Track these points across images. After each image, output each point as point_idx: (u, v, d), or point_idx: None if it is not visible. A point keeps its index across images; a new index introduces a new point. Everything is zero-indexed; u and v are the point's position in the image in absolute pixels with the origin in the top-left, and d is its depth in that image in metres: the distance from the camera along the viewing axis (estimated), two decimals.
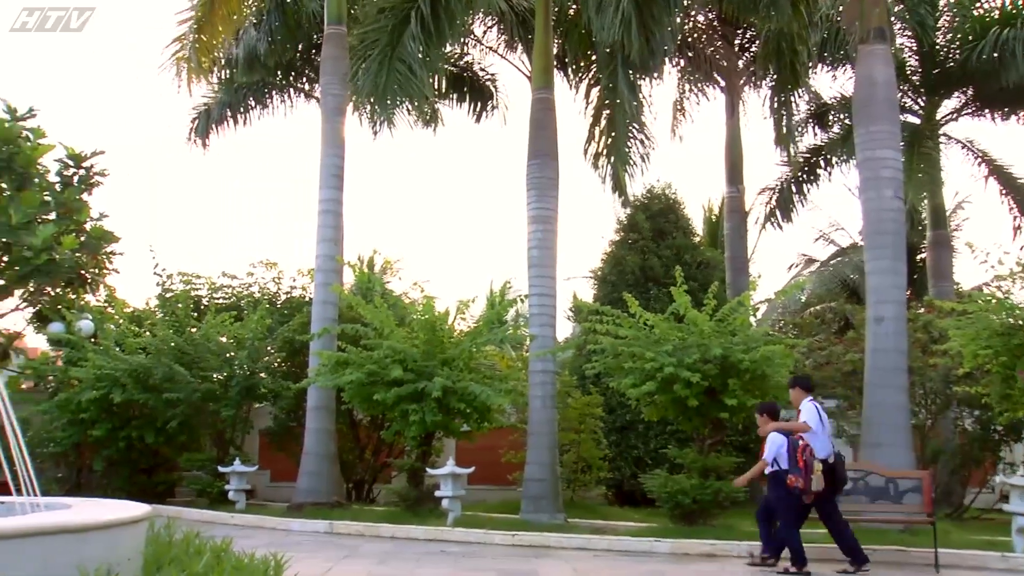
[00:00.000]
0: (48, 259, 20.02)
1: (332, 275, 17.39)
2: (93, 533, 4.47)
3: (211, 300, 21.61)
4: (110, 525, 4.69)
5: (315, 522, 14.33)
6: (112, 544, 4.64)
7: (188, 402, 17.43)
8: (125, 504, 5.99)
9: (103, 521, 4.66)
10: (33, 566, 3.96)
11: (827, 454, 9.96)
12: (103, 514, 4.89)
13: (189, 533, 6.94)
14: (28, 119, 22.08)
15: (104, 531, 4.59)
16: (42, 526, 4.16)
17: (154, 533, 6.82)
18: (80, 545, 4.29)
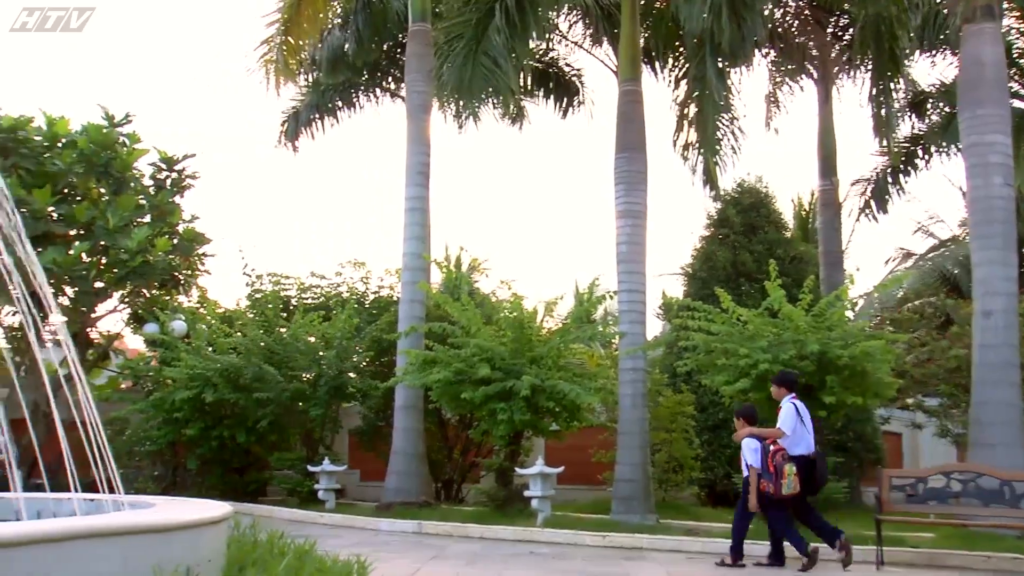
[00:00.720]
0: (143, 261, 20.53)
1: (419, 273, 17.32)
2: (173, 533, 4.34)
3: (300, 300, 21.79)
4: (190, 525, 4.57)
5: (403, 522, 14.24)
6: (192, 544, 4.51)
7: (278, 402, 17.54)
8: (208, 504, 5.89)
9: (183, 521, 4.53)
10: (112, 566, 3.84)
11: (807, 451, 10.12)
12: (183, 514, 4.77)
13: (273, 533, 6.83)
14: (124, 125, 22.75)
15: (184, 531, 4.46)
16: (122, 526, 4.04)
17: (239, 533, 6.73)
18: (159, 545, 4.17)
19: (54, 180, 21.31)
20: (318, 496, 17.07)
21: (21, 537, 3.52)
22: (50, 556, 3.55)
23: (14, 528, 3.58)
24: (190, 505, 5.80)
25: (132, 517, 4.46)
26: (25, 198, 20.20)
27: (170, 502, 6.13)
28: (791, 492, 9.76)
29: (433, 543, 12.46)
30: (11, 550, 3.41)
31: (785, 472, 9.73)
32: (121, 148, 22.04)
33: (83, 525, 3.88)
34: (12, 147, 21.39)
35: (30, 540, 3.52)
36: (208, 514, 4.94)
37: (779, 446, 9.93)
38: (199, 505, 5.74)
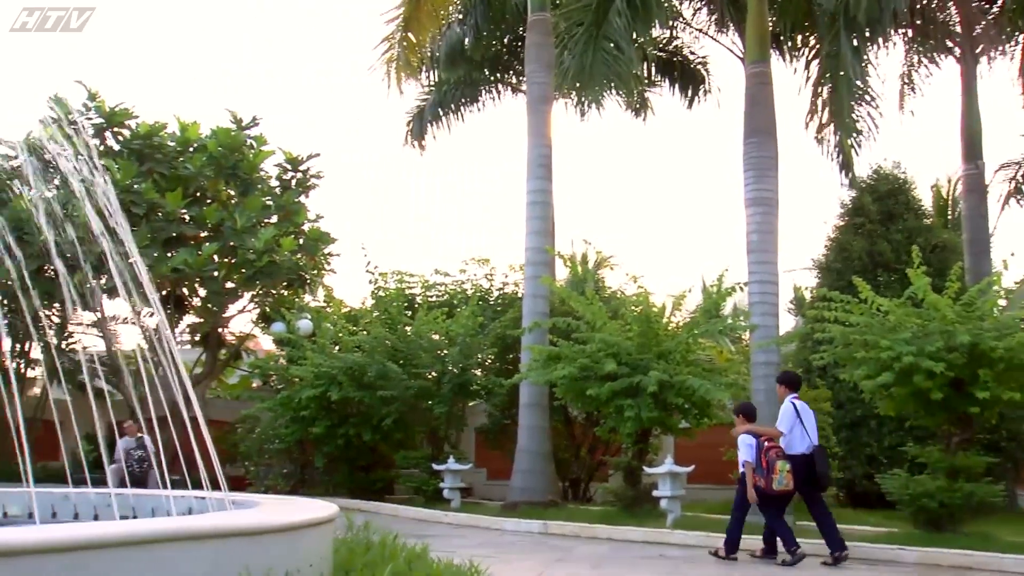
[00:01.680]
0: (269, 261, 20.80)
1: (542, 268, 17.00)
2: (269, 536, 4.09)
3: (424, 298, 21.77)
4: (288, 528, 4.31)
5: (529, 522, 13.92)
6: (291, 547, 4.25)
7: (402, 399, 17.48)
8: (313, 504, 5.65)
9: (279, 523, 4.27)
10: (199, 570, 3.61)
11: (806, 449, 10.31)
12: (282, 515, 4.52)
13: (385, 535, 6.55)
14: (252, 128, 23.14)
15: (281, 534, 4.20)
16: (212, 528, 3.80)
17: (352, 535, 6.50)
18: (253, 548, 3.92)
19: (185, 183, 21.83)
20: (443, 495, 16.92)
21: (100, 539, 3.31)
22: (132, 559, 3.34)
23: (94, 530, 3.38)
24: (295, 505, 5.58)
25: (224, 519, 4.23)
26: (159, 201, 20.74)
27: (277, 502, 5.92)
28: (782, 488, 10.06)
29: (559, 544, 12.10)
30: (87, 553, 3.20)
31: (777, 468, 10.04)
32: (248, 150, 22.44)
33: (169, 527, 3.65)
34: (148, 153, 22.01)
35: (109, 543, 3.31)
36: (309, 515, 4.68)
37: (774, 443, 10.23)
38: (304, 505, 5.51)
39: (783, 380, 11.09)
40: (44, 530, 3.31)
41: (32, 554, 3.13)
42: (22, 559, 3.09)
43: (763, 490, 10.12)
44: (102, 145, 22.61)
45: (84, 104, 22.33)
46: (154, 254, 20.22)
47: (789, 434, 10.36)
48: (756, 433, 10.43)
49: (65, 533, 3.29)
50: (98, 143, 22.59)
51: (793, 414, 10.46)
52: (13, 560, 3.07)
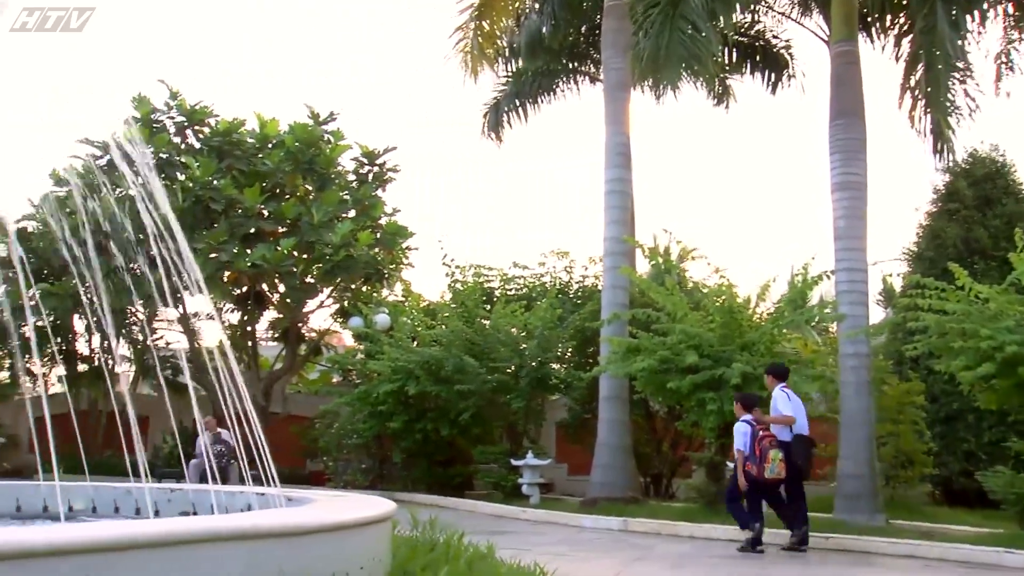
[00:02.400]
0: (346, 255, 20.77)
1: (621, 258, 16.58)
2: (311, 536, 3.80)
3: (503, 291, 21.52)
4: (334, 527, 4.01)
5: (608, 519, 13.52)
6: (337, 548, 3.96)
7: (479, 393, 17.23)
8: (370, 501, 5.35)
9: (323, 523, 3.97)
10: (232, 572, 3.34)
11: (787, 437, 10.60)
12: (329, 514, 4.23)
13: (450, 534, 6.24)
14: (329, 123, 23.15)
15: (326, 534, 3.91)
16: (246, 528, 3.51)
17: (417, 533, 6.21)
18: (292, 549, 3.63)
19: (263, 179, 21.96)
20: (522, 491, 16.62)
21: (120, 541, 3.06)
22: (157, 561, 3.08)
23: (115, 530, 3.13)
24: (350, 503, 5.29)
25: (261, 518, 3.95)
26: (237, 197, 20.86)
27: (332, 499, 5.64)
28: (774, 476, 10.37)
29: (638, 542, 11.70)
30: (105, 555, 2.95)
31: (769, 457, 10.34)
32: (325, 145, 22.47)
33: (198, 527, 3.38)
34: (227, 149, 22.19)
35: (131, 544, 3.05)
36: (360, 514, 4.38)
37: (768, 432, 10.52)
38: (360, 503, 5.22)
39: (772, 371, 11.44)
40: (58, 530, 3.06)
41: (43, 556, 2.88)
42: (32, 562, 2.85)
43: (755, 477, 10.42)
44: (183, 143, 22.88)
45: (166, 103, 22.59)
46: (233, 250, 20.35)
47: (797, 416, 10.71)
48: (758, 421, 10.73)
49: (81, 533, 3.04)
50: (179, 141, 22.88)
51: (787, 403, 10.80)
52: (22, 563, 2.82)
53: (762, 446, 10.43)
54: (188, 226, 20.71)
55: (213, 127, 22.53)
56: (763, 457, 10.37)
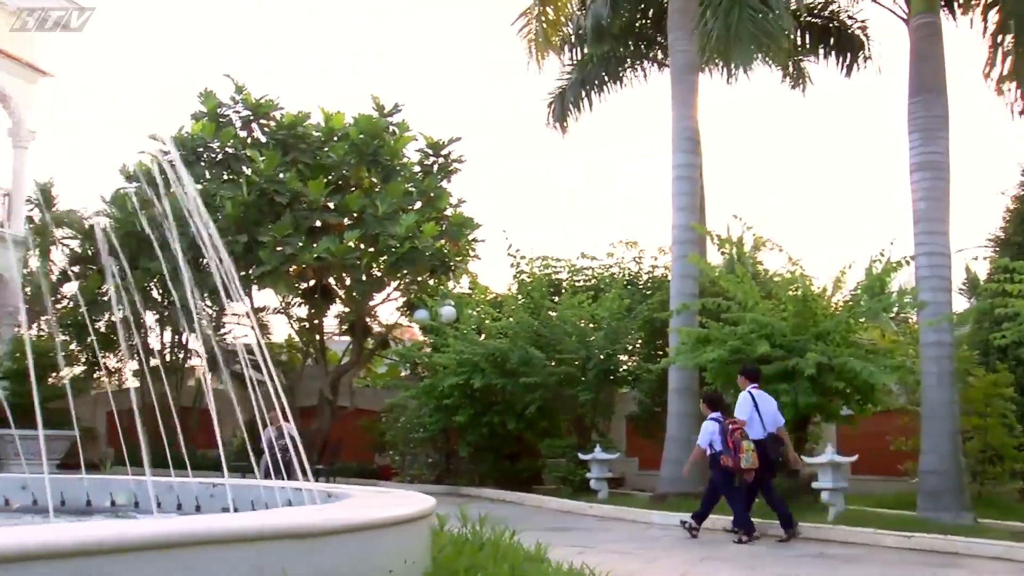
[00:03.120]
0: (411, 247, 20.55)
1: (689, 246, 16.06)
2: (330, 537, 3.45)
3: (571, 282, 21.12)
4: (359, 527, 3.65)
5: (677, 514, 13.04)
6: (363, 548, 3.61)
7: (545, 386, 16.89)
8: (410, 497, 5.01)
9: (345, 522, 3.60)
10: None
11: (760, 436, 11.14)
12: (355, 513, 3.89)
13: (498, 533, 5.86)
14: (394, 114, 22.97)
15: (349, 534, 3.55)
16: (251, 528, 3.18)
17: (466, 531, 5.87)
18: (307, 550, 3.28)
19: (328, 172, 21.86)
20: (590, 485, 16.22)
21: (117, 542, 2.77)
22: (155, 563, 2.79)
23: (111, 530, 2.83)
24: (387, 499, 4.96)
25: (272, 517, 3.62)
26: (302, 190, 20.79)
27: (371, 494, 5.32)
28: (750, 466, 10.91)
29: (709, 539, 11.23)
30: (101, 557, 2.67)
31: (743, 448, 10.91)
32: (389, 136, 22.28)
33: (200, 527, 3.05)
34: (292, 143, 22.14)
35: (128, 546, 2.76)
36: (388, 512, 4.03)
37: (737, 426, 11.09)
38: (397, 499, 4.88)
39: (744, 372, 11.91)
40: (51, 531, 2.79)
41: (34, 559, 2.61)
42: (22, 565, 2.58)
43: (732, 469, 11.02)
44: (249, 137, 22.91)
45: (231, 97, 22.62)
46: (298, 243, 20.27)
47: (749, 421, 11.18)
48: (722, 419, 11.34)
49: (75, 534, 2.76)
50: (245, 135, 22.91)
51: (750, 403, 11.33)
52: (12, 567, 2.56)
53: (734, 438, 11.00)
54: (253, 220, 20.74)
55: (278, 120, 22.50)
56: (736, 448, 10.94)
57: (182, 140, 22.17)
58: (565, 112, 23.19)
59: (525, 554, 5.39)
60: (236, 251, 20.41)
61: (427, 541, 4.60)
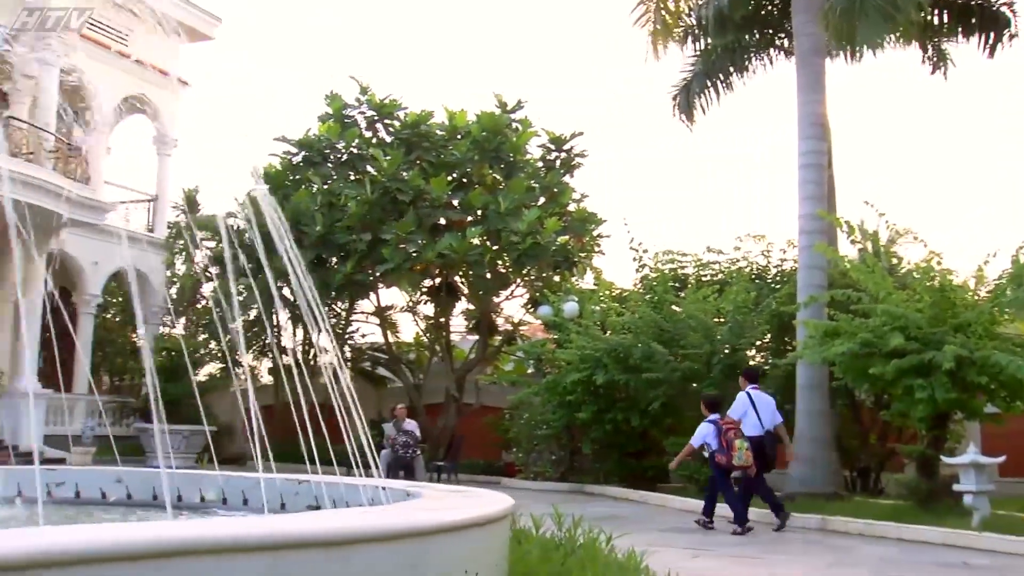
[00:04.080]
0: (533, 243, 20.40)
1: (817, 236, 15.37)
2: (365, 546, 3.08)
3: (698, 277, 20.59)
4: (399, 534, 3.26)
5: (806, 516, 12.48)
6: (408, 559, 3.27)
7: (669, 382, 16.44)
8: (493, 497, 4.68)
9: (382, 529, 3.24)
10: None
11: (757, 432, 11.90)
12: (398, 516, 3.54)
13: (589, 539, 5.47)
14: (516, 111, 22.88)
15: (387, 543, 3.19)
16: (252, 537, 2.80)
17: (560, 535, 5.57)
18: (334, 562, 2.91)
19: (451, 169, 21.93)
20: None
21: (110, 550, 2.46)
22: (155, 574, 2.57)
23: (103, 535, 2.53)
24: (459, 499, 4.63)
25: (286, 523, 3.18)
26: (424, 188, 20.88)
27: (447, 494, 5.00)
28: (742, 463, 11.51)
29: (838, 543, 10.63)
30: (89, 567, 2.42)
31: (735, 446, 11.52)
32: (512, 132, 22.19)
33: (186, 535, 2.71)
34: (415, 141, 22.31)
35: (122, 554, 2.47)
36: (446, 516, 3.63)
37: (731, 424, 11.74)
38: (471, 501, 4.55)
39: (744, 374, 13.03)
40: (27, 536, 2.53)
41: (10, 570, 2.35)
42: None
43: (724, 466, 11.70)
44: (374, 136, 23.18)
45: (356, 98, 22.94)
46: (420, 241, 20.37)
47: (745, 420, 11.95)
48: (718, 421, 11.90)
49: (54, 540, 2.46)
50: (370, 135, 23.20)
51: (746, 402, 12.18)
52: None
53: (727, 437, 11.63)
54: (377, 218, 20.94)
55: (402, 120, 22.71)
56: (729, 447, 11.56)
57: (308, 142, 22.61)
58: (691, 104, 22.63)
59: (617, 563, 4.99)
60: (360, 249, 20.67)
61: (500, 547, 4.29)
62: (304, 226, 21.16)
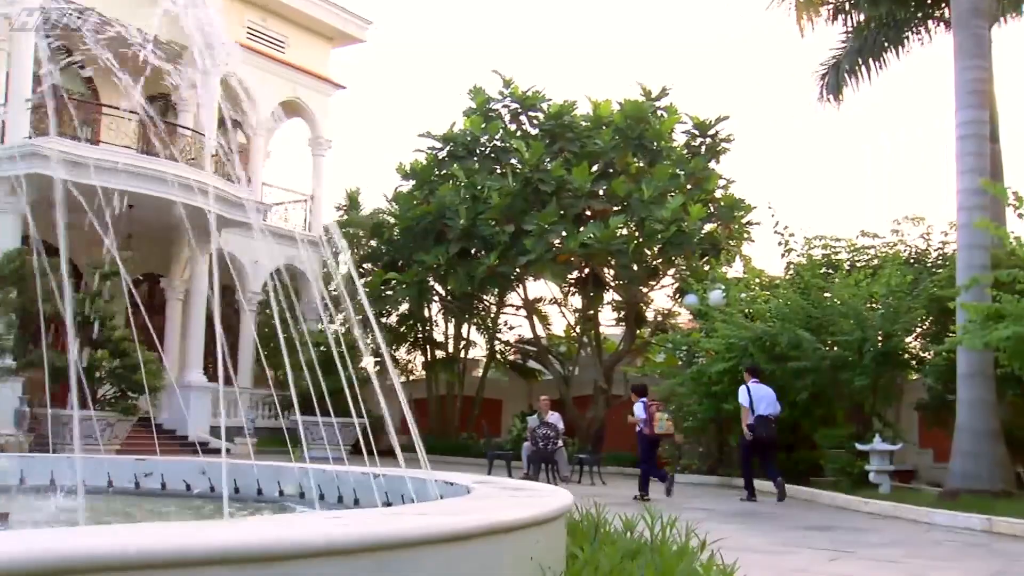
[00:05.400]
0: (677, 231, 19.92)
1: (978, 212, 14.31)
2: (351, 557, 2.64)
3: (853, 262, 19.63)
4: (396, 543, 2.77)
5: (967, 515, 11.39)
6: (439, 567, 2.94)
7: (817, 371, 15.69)
8: (548, 494, 4.30)
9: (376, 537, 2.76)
10: None
11: (751, 420, 14.20)
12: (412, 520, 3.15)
13: (662, 544, 4.93)
14: (661, 99, 22.45)
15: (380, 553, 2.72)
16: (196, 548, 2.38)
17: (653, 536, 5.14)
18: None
19: (595, 159, 21.69)
20: (869, 478, 14.88)
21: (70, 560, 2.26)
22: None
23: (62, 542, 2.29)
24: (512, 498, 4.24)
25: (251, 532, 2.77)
26: (566, 178, 20.72)
27: (500, 490, 4.64)
28: (663, 432, 14.38)
29: (1003, 548, 9.49)
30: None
31: (656, 418, 14.17)
32: (655, 119, 21.76)
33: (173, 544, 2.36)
34: (559, 132, 22.18)
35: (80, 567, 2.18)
36: (469, 521, 3.14)
37: (654, 403, 14.55)
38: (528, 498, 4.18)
39: (747, 369, 14.94)
40: None
41: None
42: None
43: (648, 435, 14.20)
44: (518, 129, 23.17)
45: (499, 91, 22.98)
46: (562, 232, 20.20)
47: (749, 406, 14.25)
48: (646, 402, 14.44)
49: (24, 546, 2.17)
50: (514, 127, 23.20)
51: (746, 394, 14.36)
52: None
53: (650, 411, 14.27)
54: (520, 209, 20.89)
55: (545, 111, 22.62)
56: (651, 419, 14.14)
57: (452, 136, 22.79)
58: (840, 83, 21.62)
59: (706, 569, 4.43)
60: (503, 241, 20.66)
61: (557, 555, 3.93)
62: (448, 219, 21.32)
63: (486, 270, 20.98)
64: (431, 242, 22.00)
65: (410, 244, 22.45)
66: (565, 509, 4.03)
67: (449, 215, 21.24)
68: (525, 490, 4.27)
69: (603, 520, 5.44)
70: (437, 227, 21.94)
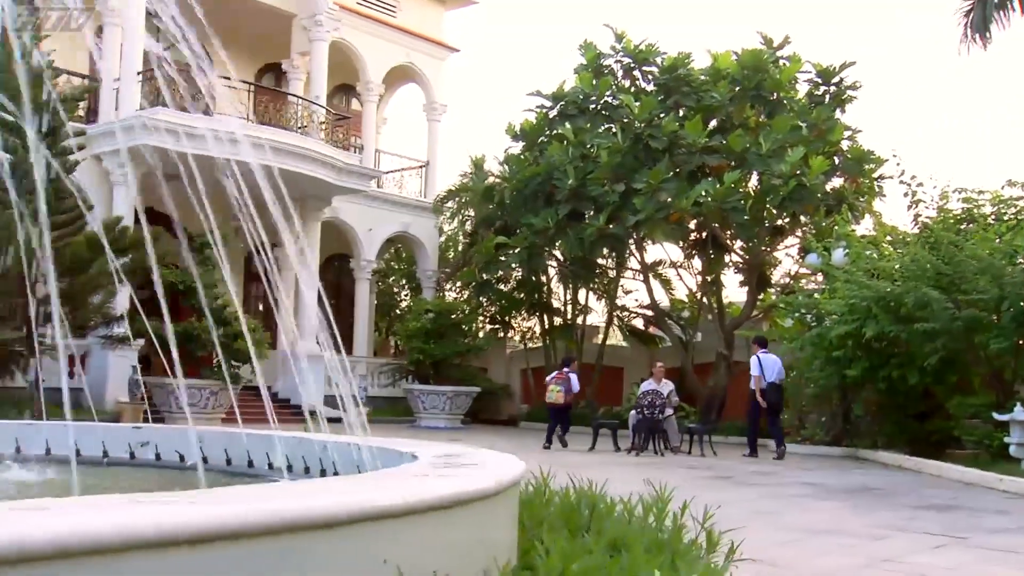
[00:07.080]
0: (797, 185, 18.64)
1: None
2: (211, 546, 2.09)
3: (999, 215, 17.91)
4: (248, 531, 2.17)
5: None
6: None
7: (949, 333, 14.30)
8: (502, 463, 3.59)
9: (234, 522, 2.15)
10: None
11: (762, 386, 15.83)
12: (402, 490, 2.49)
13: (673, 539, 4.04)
14: (783, 48, 21.11)
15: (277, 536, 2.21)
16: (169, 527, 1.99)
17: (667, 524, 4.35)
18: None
19: (712, 113, 20.59)
20: (1009, 452, 13.48)
21: None
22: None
23: None
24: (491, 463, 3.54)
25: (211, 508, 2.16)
26: (679, 133, 19.69)
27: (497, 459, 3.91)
28: (553, 401, 16.30)
29: None
30: None
31: (549, 388, 16.47)
32: (774, 69, 20.44)
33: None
34: (674, 86, 21.12)
35: None
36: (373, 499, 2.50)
37: (558, 375, 16.61)
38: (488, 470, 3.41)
39: (755, 340, 16.65)
40: None
41: None
42: None
43: (548, 405, 16.54)
44: (631, 84, 22.20)
45: (611, 47, 22.04)
46: (674, 188, 19.18)
47: (760, 375, 15.74)
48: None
49: None
50: (628, 83, 22.24)
51: (756, 363, 15.82)
52: None
53: (547, 382, 16.74)
54: (630, 167, 19.95)
55: (660, 65, 21.57)
56: (545, 388, 16.62)
57: (562, 94, 21.98)
58: (987, 19, 19.77)
59: None
60: (612, 201, 19.80)
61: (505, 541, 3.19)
62: (557, 180, 20.58)
63: (595, 232, 20.14)
64: (540, 204, 21.29)
65: (520, 207, 21.79)
66: (503, 485, 3.18)
67: (557, 176, 20.49)
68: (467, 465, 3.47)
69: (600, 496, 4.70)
70: (546, 189, 21.21)
